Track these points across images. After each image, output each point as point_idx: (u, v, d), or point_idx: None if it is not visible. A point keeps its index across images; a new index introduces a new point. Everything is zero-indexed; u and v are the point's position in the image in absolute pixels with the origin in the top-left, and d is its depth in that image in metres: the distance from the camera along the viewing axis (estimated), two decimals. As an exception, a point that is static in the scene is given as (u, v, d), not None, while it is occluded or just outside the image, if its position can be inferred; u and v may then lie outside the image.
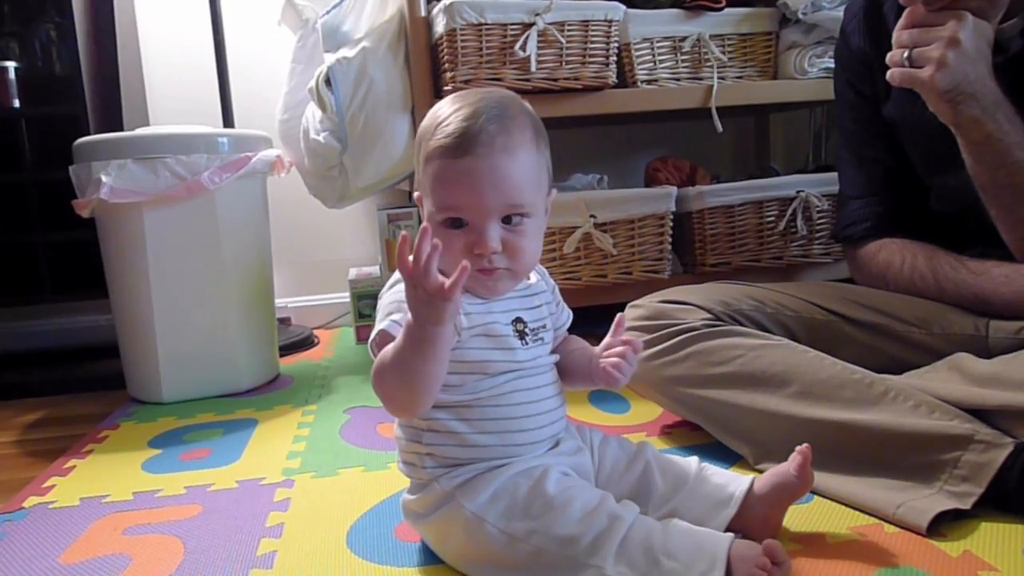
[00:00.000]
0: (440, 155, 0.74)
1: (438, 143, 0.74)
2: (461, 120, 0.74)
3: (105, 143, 1.46)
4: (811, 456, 0.78)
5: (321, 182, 1.71)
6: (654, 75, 1.61)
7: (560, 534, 0.70)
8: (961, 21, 0.90)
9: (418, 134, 0.79)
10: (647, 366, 1.07)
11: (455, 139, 0.73)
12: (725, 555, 0.68)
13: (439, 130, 0.74)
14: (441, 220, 0.75)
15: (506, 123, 0.75)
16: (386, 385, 0.72)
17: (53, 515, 1.01)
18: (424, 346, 0.67)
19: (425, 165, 0.76)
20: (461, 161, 0.73)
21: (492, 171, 0.73)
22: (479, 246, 0.74)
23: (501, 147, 0.74)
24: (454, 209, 0.74)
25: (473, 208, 0.74)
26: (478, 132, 0.73)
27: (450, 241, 0.74)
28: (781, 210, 1.62)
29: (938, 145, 1.01)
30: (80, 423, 1.43)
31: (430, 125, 0.76)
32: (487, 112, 0.74)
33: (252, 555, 0.86)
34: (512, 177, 0.74)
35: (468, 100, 0.76)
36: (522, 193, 0.75)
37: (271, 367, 1.66)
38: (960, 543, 0.78)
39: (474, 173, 0.73)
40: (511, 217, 0.75)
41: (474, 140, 0.73)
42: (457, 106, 0.76)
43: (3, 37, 1.82)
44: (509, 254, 0.75)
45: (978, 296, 1.03)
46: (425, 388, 0.71)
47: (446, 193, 0.74)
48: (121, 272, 1.52)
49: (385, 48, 1.56)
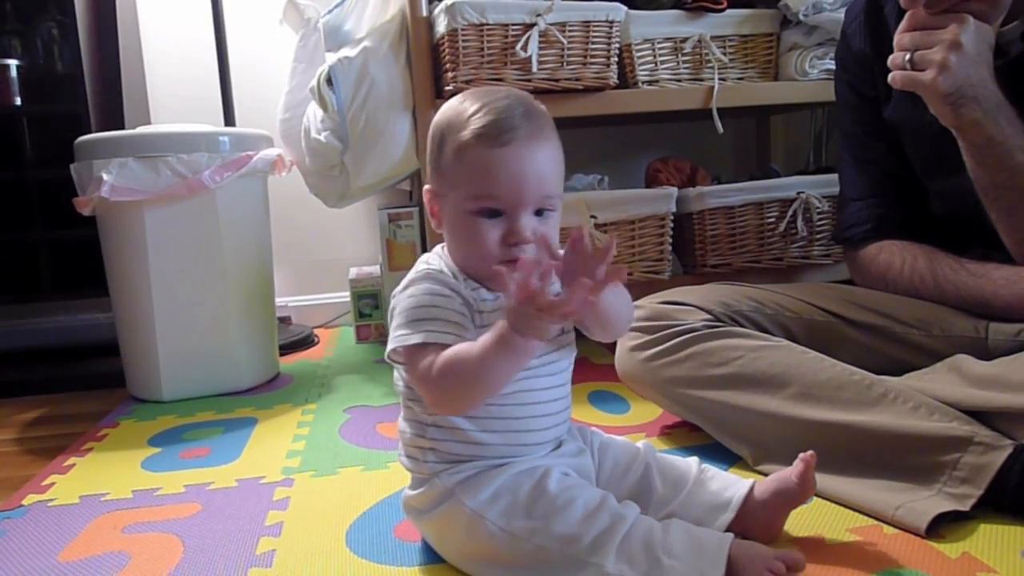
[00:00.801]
0: (479, 144, 0.73)
1: (476, 132, 0.73)
2: (496, 112, 0.74)
3: (106, 141, 1.46)
4: (814, 464, 0.78)
5: (322, 181, 1.71)
6: (655, 76, 1.61)
7: (561, 533, 0.70)
8: (963, 24, 0.90)
9: (438, 128, 0.78)
10: (647, 367, 1.07)
11: (495, 128, 0.73)
12: (726, 554, 0.68)
13: (472, 120, 0.74)
14: (475, 209, 0.74)
15: (536, 117, 0.76)
16: (460, 387, 0.71)
17: (52, 513, 1.01)
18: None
19: (456, 156, 0.75)
20: (504, 150, 0.73)
21: (533, 161, 0.74)
22: (515, 235, 0.74)
23: (538, 138, 0.75)
24: (493, 199, 0.74)
25: (513, 197, 0.73)
26: (518, 122, 0.74)
27: (484, 231, 0.74)
28: (781, 211, 1.62)
29: (939, 147, 1.01)
30: (80, 421, 1.43)
31: (456, 118, 0.76)
32: (517, 106, 0.75)
33: (251, 554, 0.86)
34: (548, 168, 0.76)
35: (491, 96, 0.76)
36: (554, 185, 0.76)
37: (271, 366, 1.66)
38: (959, 545, 0.78)
39: (517, 161, 0.73)
40: (542, 209, 0.76)
41: (515, 129, 0.73)
42: (483, 100, 0.75)
43: (5, 35, 1.82)
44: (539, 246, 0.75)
45: (978, 298, 1.03)
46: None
47: (486, 182, 0.73)
48: (122, 270, 1.52)
49: (386, 48, 1.56)
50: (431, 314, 0.73)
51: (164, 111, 2.00)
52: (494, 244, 0.74)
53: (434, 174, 0.79)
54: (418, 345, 0.72)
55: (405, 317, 0.74)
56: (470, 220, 0.74)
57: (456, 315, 0.74)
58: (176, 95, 2.02)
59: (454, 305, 0.75)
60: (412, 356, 0.73)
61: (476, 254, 0.75)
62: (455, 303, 0.75)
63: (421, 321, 0.73)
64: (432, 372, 0.71)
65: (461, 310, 0.75)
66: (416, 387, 0.76)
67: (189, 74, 2.00)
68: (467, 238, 0.76)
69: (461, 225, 0.76)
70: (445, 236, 0.80)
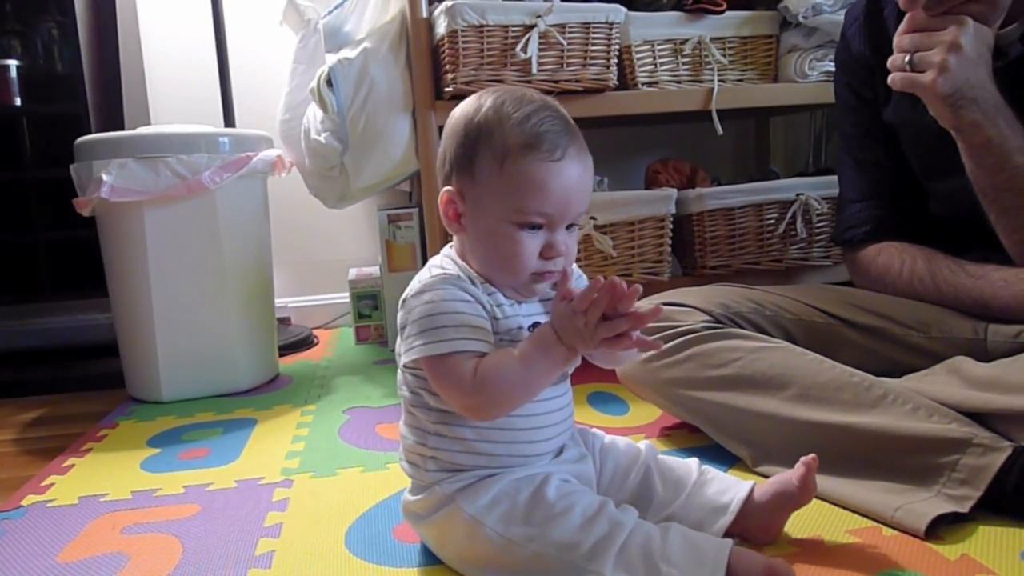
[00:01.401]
0: (531, 154, 0.71)
1: (528, 142, 0.71)
2: (544, 122, 0.72)
3: (106, 142, 1.46)
4: (816, 467, 0.78)
5: (322, 182, 1.71)
6: (655, 77, 1.61)
7: (559, 540, 0.70)
8: (962, 26, 0.90)
9: (470, 129, 0.74)
10: (646, 368, 1.07)
11: (550, 142, 0.72)
12: (725, 561, 0.68)
13: (519, 129, 0.72)
14: (520, 222, 0.72)
15: (576, 130, 0.75)
16: (502, 395, 0.71)
17: (51, 514, 1.01)
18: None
19: (500, 164, 0.72)
20: (557, 165, 0.72)
21: (580, 178, 0.74)
22: (554, 249, 0.74)
23: (583, 153, 0.75)
24: (541, 214, 0.72)
25: (559, 213, 0.73)
26: (568, 137, 0.73)
27: (524, 244, 0.73)
28: (781, 213, 1.62)
29: (938, 149, 1.01)
30: (79, 422, 1.43)
31: (496, 122, 0.73)
32: (559, 117, 0.74)
33: (250, 555, 0.86)
34: (588, 185, 0.76)
35: (528, 102, 0.74)
36: (589, 197, 0.76)
37: (270, 367, 1.66)
38: (958, 546, 0.78)
39: (568, 178, 0.72)
40: (571, 224, 0.75)
41: (567, 146, 0.72)
42: (524, 107, 0.73)
43: (5, 35, 1.82)
44: (565, 259, 0.76)
45: (977, 300, 1.03)
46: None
47: (538, 197, 0.71)
48: (121, 271, 1.52)
49: (386, 49, 1.56)
50: (456, 320, 0.72)
51: (164, 112, 2.00)
52: (533, 257, 0.73)
53: (461, 177, 0.75)
54: (445, 356, 0.71)
55: (425, 325, 0.72)
56: (510, 232, 0.73)
57: (480, 320, 0.73)
58: (176, 96, 2.02)
59: (477, 311, 0.74)
60: (439, 366, 0.72)
61: (512, 266, 0.74)
62: (477, 308, 0.74)
63: (445, 328, 0.71)
64: (472, 382, 0.70)
65: (483, 315, 0.74)
66: (445, 395, 0.74)
67: (189, 75, 2.00)
68: (505, 250, 0.74)
69: (498, 236, 0.73)
70: (469, 242, 0.77)
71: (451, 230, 0.78)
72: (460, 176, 0.75)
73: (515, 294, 0.77)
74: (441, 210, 0.77)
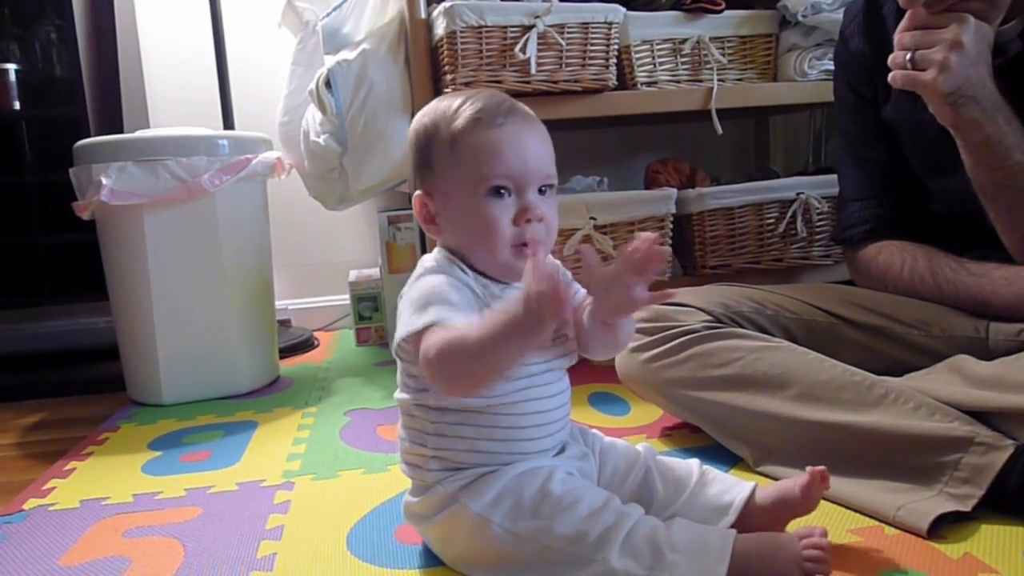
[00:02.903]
0: (477, 127, 0.75)
1: (471, 118, 0.75)
2: (483, 100, 0.76)
3: (105, 145, 1.46)
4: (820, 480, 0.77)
5: (321, 184, 1.71)
6: (654, 77, 1.61)
7: (567, 532, 0.70)
8: (963, 24, 0.90)
9: (422, 132, 0.79)
10: (647, 368, 1.07)
11: (490, 112, 0.75)
12: (730, 549, 0.68)
13: (462, 111, 0.76)
14: (485, 191, 0.74)
15: (520, 106, 0.78)
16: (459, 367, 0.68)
17: (53, 517, 1.01)
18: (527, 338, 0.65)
19: (452, 146, 0.75)
20: (503, 129, 0.75)
21: (531, 139, 0.76)
22: (528, 211, 0.75)
23: (531, 120, 0.78)
24: (502, 176, 0.74)
25: (521, 172, 0.75)
26: (508, 107, 0.76)
27: (495, 213, 0.74)
28: (781, 212, 1.62)
29: (938, 147, 1.01)
30: (80, 425, 1.43)
31: (441, 116, 0.77)
32: (499, 96, 0.78)
33: (252, 557, 0.86)
34: (545, 148, 0.78)
35: (468, 93, 0.78)
36: (552, 164, 0.78)
37: (271, 369, 1.66)
38: (960, 545, 0.78)
39: (518, 138, 0.75)
40: (543, 188, 0.77)
41: (509, 113, 0.76)
42: (463, 96, 0.77)
43: (3, 39, 1.82)
44: (544, 225, 0.76)
45: (978, 298, 1.03)
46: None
47: (493, 160, 0.74)
48: (121, 274, 1.52)
49: (385, 50, 1.56)
50: (439, 299, 0.72)
51: (163, 115, 2.00)
52: (507, 225, 0.75)
53: (424, 177, 0.79)
54: (424, 328, 0.71)
55: (413, 306, 0.73)
56: (479, 204, 0.75)
57: (464, 302, 0.74)
58: (175, 99, 2.02)
59: (464, 294, 0.75)
60: (418, 341, 0.72)
61: (489, 238, 0.75)
62: (465, 292, 0.75)
63: (428, 306, 0.72)
64: (432, 354, 0.68)
65: (470, 299, 0.75)
66: (423, 369, 0.72)
67: (188, 78, 2.00)
68: (478, 224, 0.75)
69: (469, 213, 0.75)
70: (449, 235, 0.79)
71: (430, 233, 0.81)
72: (423, 177, 0.79)
73: (499, 276, 0.78)
74: (417, 216, 0.81)
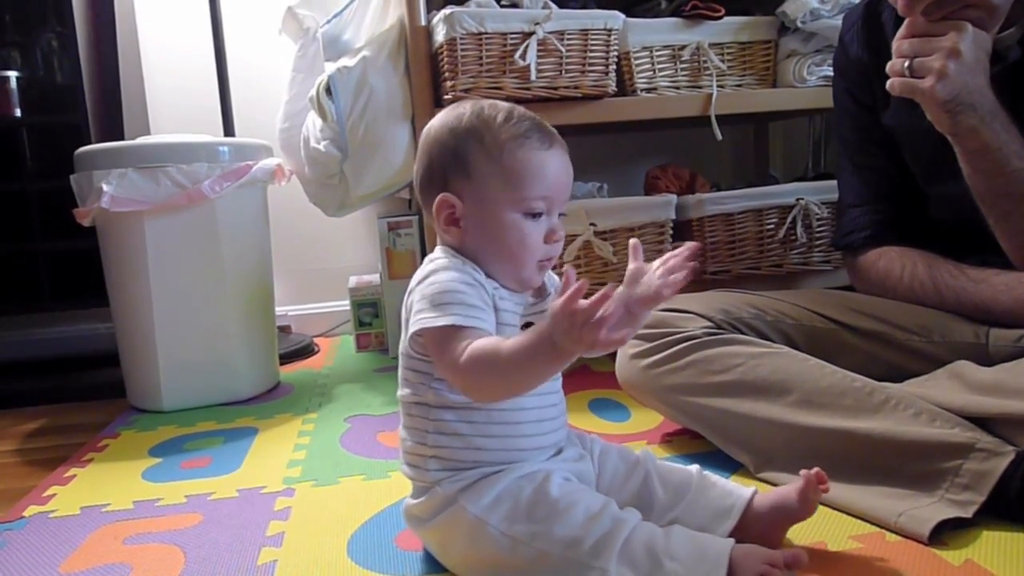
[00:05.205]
0: (527, 145, 0.76)
1: (522, 134, 0.76)
2: (526, 118, 0.78)
3: (106, 152, 1.46)
4: (817, 482, 0.77)
5: (321, 190, 1.71)
6: (653, 83, 1.61)
7: (563, 537, 0.70)
8: (961, 32, 0.90)
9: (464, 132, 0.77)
10: (648, 374, 1.07)
11: (539, 133, 0.77)
12: (727, 558, 0.68)
13: (509, 126, 0.77)
14: (526, 211, 0.77)
15: (549, 125, 0.81)
16: (487, 381, 0.71)
17: (53, 524, 1.01)
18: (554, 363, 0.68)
19: (500, 158, 0.76)
20: (551, 152, 0.77)
21: (567, 167, 0.80)
22: (556, 233, 0.78)
23: (563, 146, 0.80)
24: (544, 198, 0.77)
25: (556, 197, 0.78)
26: (551, 128, 0.79)
27: (530, 232, 0.77)
28: (781, 218, 1.62)
29: (937, 154, 1.01)
30: (80, 432, 1.43)
31: (482, 123, 0.77)
32: (532, 116, 0.80)
33: (253, 564, 0.86)
34: (572, 176, 0.81)
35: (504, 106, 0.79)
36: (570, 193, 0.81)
37: (271, 375, 1.66)
38: (962, 552, 0.78)
39: (561, 164, 0.78)
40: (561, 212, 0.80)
41: (552, 134, 0.79)
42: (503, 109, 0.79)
43: (4, 47, 1.82)
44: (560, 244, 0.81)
45: (978, 304, 1.03)
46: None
47: (541, 182, 0.76)
48: (122, 280, 1.52)
49: (385, 57, 1.56)
50: (458, 299, 0.73)
51: (163, 121, 2.00)
52: (539, 244, 0.78)
53: (455, 179, 0.77)
54: (446, 328, 0.72)
55: (430, 301, 0.74)
56: (518, 220, 0.77)
57: (481, 302, 0.75)
58: (175, 105, 2.02)
59: (480, 294, 0.75)
60: (438, 339, 0.73)
61: (520, 255, 0.77)
62: (481, 292, 0.76)
63: (448, 305, 0.73)
64: (460, 361, 0.70)
65: (486, 299, 0.76)
66: (443, 372, 0.75)
67: (188, 84, 2.00)
68: (514, 239, 0.77)
69: (505, 227, 0.76)
70: (472, 240, 0.78)
71: (448, 234, 0.79)
72: (454, 179, 0.78)
73: (516, 285, 0.79)
74: (437, 216, 0.79)
